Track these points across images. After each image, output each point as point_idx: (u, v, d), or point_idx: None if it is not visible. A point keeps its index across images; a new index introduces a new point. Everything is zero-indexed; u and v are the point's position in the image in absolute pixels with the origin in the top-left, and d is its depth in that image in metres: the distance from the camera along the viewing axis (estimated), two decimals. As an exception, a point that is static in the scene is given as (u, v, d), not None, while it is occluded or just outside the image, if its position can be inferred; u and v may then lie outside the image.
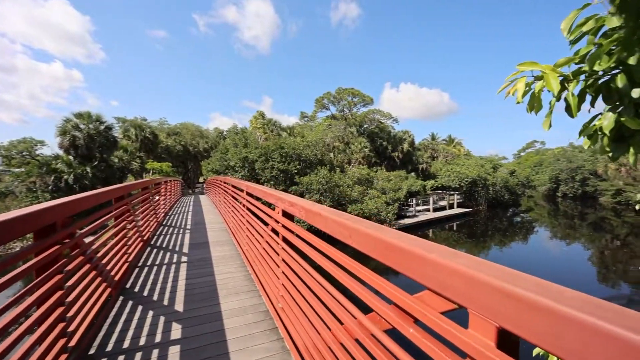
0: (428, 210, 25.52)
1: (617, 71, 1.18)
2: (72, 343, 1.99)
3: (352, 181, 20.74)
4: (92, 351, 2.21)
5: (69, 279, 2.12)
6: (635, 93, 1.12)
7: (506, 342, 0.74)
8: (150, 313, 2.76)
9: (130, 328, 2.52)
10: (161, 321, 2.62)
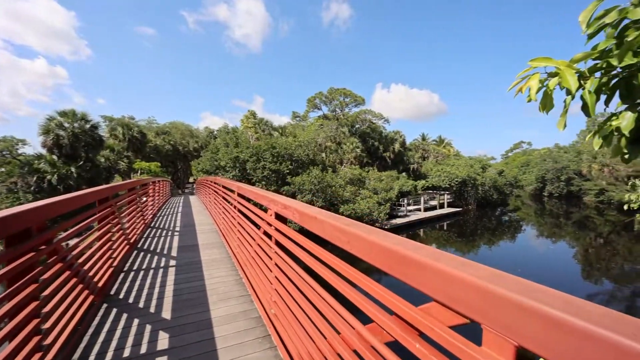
0: (419, 210, 25.73)
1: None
2: (49, 357, 1.86)
3: (344, 181, 20.72)
4: (71, 364, 2.07)
5: (45, 288, 1.98)
6: None
7: (526, 363, 0.68)
8: (136, 321, 2.62)
9: (113, 338, 2.38)
10: (147, 330, 2.49)
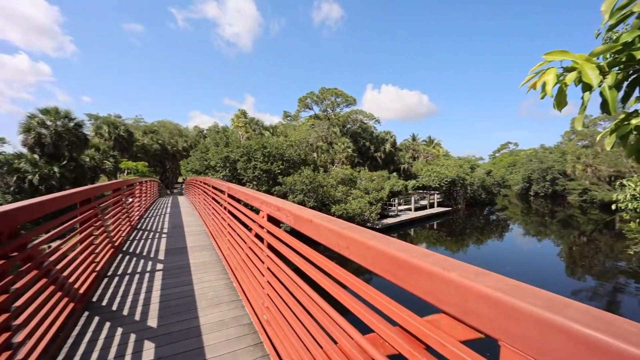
0: (410, 209, 25.93)
1: None
2: (22, 373, 1.71)
3: (335, 181, 20.67)
4: (47, 379, 1.93)
5: (17, 298, 1.83)
6: None
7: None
8: (119, 330, 2.48)
9: (95, 349, 2.23)
10: (131, 339, 2.35)
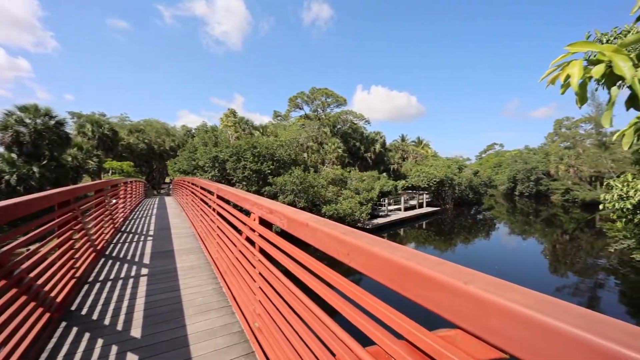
0: (399, 209, 26.12)
1: None
2: (-13, 394, 1.55)
3: (326, 181, 20.60)
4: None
5: (-17, 311, 1.66)
6: None
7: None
8: (100, 342, 2.32)
9: (72, 363, 2.07)
10: (113, 351, 2.20)
